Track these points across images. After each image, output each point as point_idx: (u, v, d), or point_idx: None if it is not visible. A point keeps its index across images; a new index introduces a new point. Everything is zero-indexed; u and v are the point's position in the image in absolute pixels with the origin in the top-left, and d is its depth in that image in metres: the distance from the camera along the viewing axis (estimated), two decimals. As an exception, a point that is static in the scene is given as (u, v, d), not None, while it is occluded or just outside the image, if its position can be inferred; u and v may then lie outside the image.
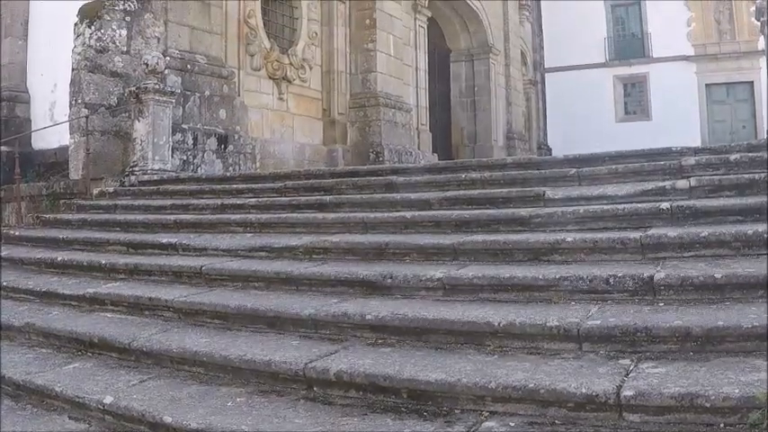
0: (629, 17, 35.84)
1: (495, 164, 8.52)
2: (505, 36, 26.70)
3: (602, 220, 5.81)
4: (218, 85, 13.25)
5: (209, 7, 13.31)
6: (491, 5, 25.48)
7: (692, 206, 5.63)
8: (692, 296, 4.44)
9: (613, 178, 6.89)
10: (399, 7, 18.62)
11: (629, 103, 35.27)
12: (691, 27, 33.69)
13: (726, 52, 32.73)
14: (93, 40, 11.57)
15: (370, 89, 17.29)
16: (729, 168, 6.49)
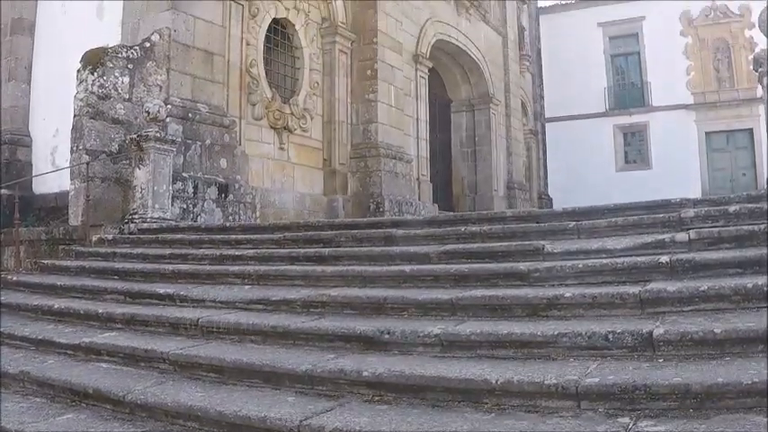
0: (628, 67, 36.22)
1: (495, 217, 8.50)
2: (506, 86, 26.91)
3: (601, 274, 5.78)
4: (219, 134, 13.29)
5: (212, 56, 13.40)
6: (492, 56, 25.73)
7: (692, 259, 5.61)
8: (691, 351, 4.40)
9: (613, 231, 6.87)
10: (400, 58, 18.78)
11: (629, 152, 35.50)
12: (690, 76, 34.05)
13: (725, 100, 33.05)
14: (96, 87, 11.62)
15: (370, 139, 17.36)
16: (729, 220, 6.48)
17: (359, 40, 17.79)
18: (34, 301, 8.33)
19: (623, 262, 5.80)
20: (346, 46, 17.55)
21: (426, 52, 20.85)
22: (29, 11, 15.80)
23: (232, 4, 14.19)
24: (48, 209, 14.06)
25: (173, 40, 12.58)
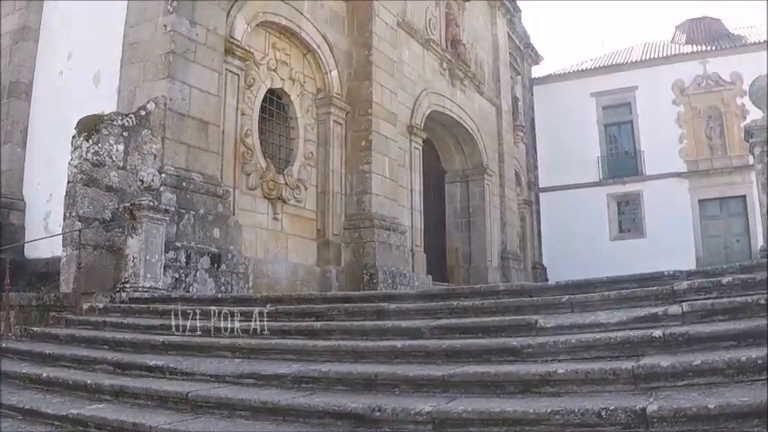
0: (621, 136, 36.55)
1: (488, 291, 8.47)
2: (500, 157, 27.13)
3: (594, 349, 5.73)
4: (212, 204, 13.29)
5: (207, 126, 13.47)
6: (486, 126, 25.97)
7: (685, 333, 5.58)
8: (685, 427, 4.34)
9: (606, 305, 6.84)
10: (395, 129, 18.94)
11: (623, 221, 35.61)
12: (683, 144, 34.38)
13: (718, 168, 33.32)
14: (90, 154, 11.65)
15: (364, 210, 17.39)
16: (722, 291, 6.46)
17: (354, 111, 17.95)
18: (23, 368, 8.22)
19: (616, 336, 5.76)
20: (341, 117, 17.70)
21: (421, 123, 21.03)
22: (26, 74, 15.92)
23: (228, 74, 14.34)
24: (39, 274, 13.97)
25: (168, 108, 12.65)
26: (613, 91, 36.51)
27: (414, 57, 21.39)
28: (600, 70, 37.65)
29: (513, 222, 28.04)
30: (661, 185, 34.10)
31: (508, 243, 26.82)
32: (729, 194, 33.06)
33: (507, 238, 26.78)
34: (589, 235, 34.12)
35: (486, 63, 27.59)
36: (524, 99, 35.31)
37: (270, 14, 15.85)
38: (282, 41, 16.60)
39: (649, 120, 35.13)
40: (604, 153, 36.30)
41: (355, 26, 18.58)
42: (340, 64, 17.97)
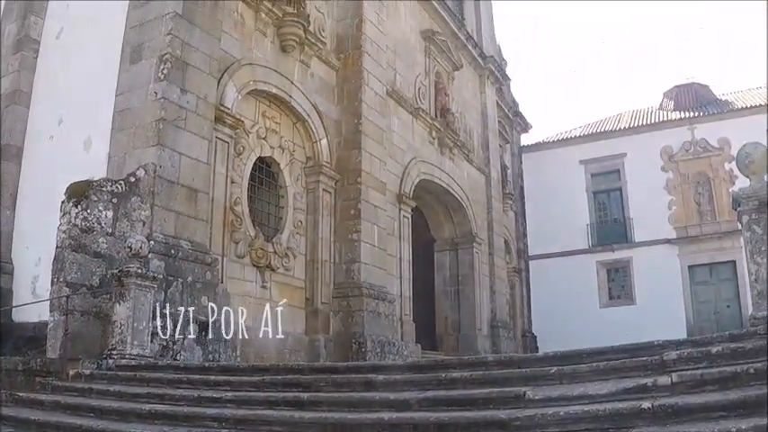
0: (611, 203, 36.79)
1: (477, 362, 8.41)
2: (489, 225, 27.20)
3: (583, 421, 5.67)
4: (201, 272, 13.22)
5: (196, 193, 13.47)
6: (475, 195, 26.09)
7: (674, 404, 5.53)
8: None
9: (595, 376, 6.79)
10: (384, 198, 19.01)
11: (612, 288, 35.65)
12: (672, 210, 34.62)
13: (707, 233, 33.52)
14: (79, 220, 11.61)
15: (353, 279, 17.32)
16: (712, 361, 6.42)
17: (343, 180, 18.02)
18: (6, 435, 8.13)
19: (605, 408, 5.71)
20: (330, 185, 17.77)
21: (410, 192, 21.12)
22: (17, 137, 15.97)
23: (218, 142, 14.40)
24: (27, 338, 13.82)
25: (158, 175, 12.65)
26: (602, 158, 36.85)
27: (403, 126, 21.59)
28: (588, 138, 38.03)
29: (503, 290, 27.99)
30: (650, 252, 34.25)
31: (498, 311, 26.73)
32: (719, 260, 33.18)
33: (497, 307, 26.69)
34: (579, 302, 34.08)
35: (475, 131, 27.84)
36: (513, 167, 35.54)
37: (260, 83, 16.01)
38: (273, 110, 16.75)
39: (638, 186, 35.41)
40: (593, 220, 36.48)
41: (345, 95, 18.77)
42: (330, 133, 18.11)
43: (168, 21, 13.44)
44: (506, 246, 30.30)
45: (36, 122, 15.93)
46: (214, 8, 14.53)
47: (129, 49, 13.80)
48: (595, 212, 36.89)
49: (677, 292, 33.30)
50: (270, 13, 16.48)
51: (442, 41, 24.85)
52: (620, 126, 38.27)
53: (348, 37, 19.29)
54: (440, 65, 24.92)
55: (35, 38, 16.65)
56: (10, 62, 16.48)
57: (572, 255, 35.82)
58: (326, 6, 19.16)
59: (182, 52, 13.43)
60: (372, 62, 19.39)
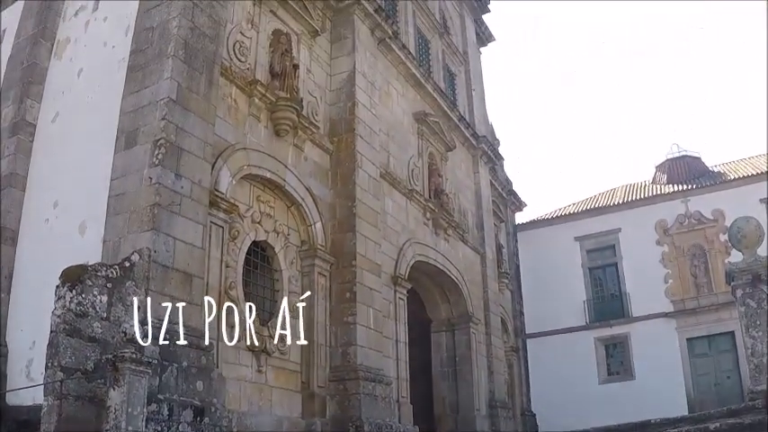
0: (607, 278, 36.97)
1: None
2: (486, 305, 27.14)
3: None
4: (196, 356, 13.12)
5: (191, 278, 13.43)
6: (471, 275, 26.11)
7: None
8: None
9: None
10: (379, 280, 18.97)
11: (611, 363, 35.62)
12: (668, 284, 34.81)
13: (704, 305, 33.67)
14: (74, 304, 11.53)
15: (350, 362, 17.16)
16: (710, 438, 6.39)
17: (338, 263, 17.99)
18: None
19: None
20: (325, 269, 17.75)
21: (405, 274, 21.11)
22: (12, 221, 15.96)
23: (212, 227, 14.42)
24: (20, 422, 13.63)
25: (153, 260, 12.63)
26: (597, 234, 37.11)
27: (397, 207, 21.70)
28: (583, 214, 38.34)
29: (501, 370, 27.73)
30: (648, 326, 34.31)
31: (496, 391, 26.46)
32: (717, 331, 33.29)
33: (495, 387, 26.43)
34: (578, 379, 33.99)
35: (469, 211, 27.99)
36: (508, 245, 35.60)
37: (254, 167, 16.13)
38: (267, 194, 16.84)
39: (634, 261, 35.63)
40: (590, 296, 36.56)
41: (339, 178, 18.89)
42: (324, 216, 18.18)
43: (162, 106, 13.61)
44: (503, 325, 30.16)
45: (32, 206, 15.98)
46: (208, 93, 14.72)
47: (123, 134, 13.94)
48: (592, 288, 36.98)
49: (676, 365, 33.24)
50: (263, 98, 16.71)
51: (434, 123, 25.15)
52: (614, 201, 38.62)
53: (341, 120, 19.52)
54: (433, 146, 25.17)
55: (31, 121, 16.81)
56: (6, 145, 16.62)
57: (569, 332, 35.81)
58: (319, 91, 19.44)
59: (176, 137, 13.56)
60: (365, 145, 19.59)
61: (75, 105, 16.07)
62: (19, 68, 17.51)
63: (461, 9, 32.72)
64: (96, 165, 14.22)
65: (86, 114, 15.54)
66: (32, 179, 16.28)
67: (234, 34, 16.47)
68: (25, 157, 16.47)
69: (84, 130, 15.33)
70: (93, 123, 15.15)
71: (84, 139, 15.17)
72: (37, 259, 15.16)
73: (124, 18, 15.80)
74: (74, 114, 16.03)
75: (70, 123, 16.04)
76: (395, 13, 25.29)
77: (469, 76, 31.40)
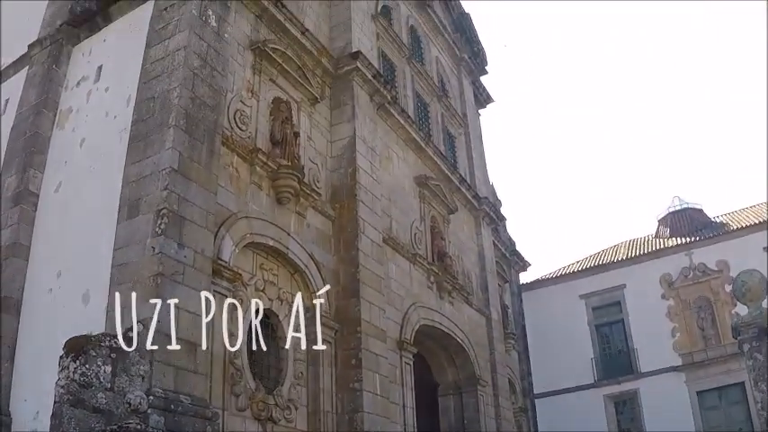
0: (614, 335, 36.85)
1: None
2: (492, 366, 26.93)
3: None
4: (201, 426, 12.93)
5: (196, 347, 13.32)
6: (476, 337, 25.98)
7: None
8: None
9: None
10: (385, 346, 18.82)
11: (621, 420, 35.39)
12: (675, 338, 34.73)
13: (713, 357, 33.49)
14: (78, 375, 11.45)
15: (357, 430, 16.89)
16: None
17: (342, 330, 17.86)
18: None
19: None
20: (330, 335, 17.61)
21: (411, 338, 20.98)
22: (16, 290, 15.88)
23: (216, 296, 14.38)
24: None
25: (156, 330, 12.55)
26: (602, 291, 37.09)
27: (401, 272, 21.66)
28: (587, 272, 38.34)
29: None
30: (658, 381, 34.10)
31: (506, 454, 26.17)
32: (727, 383, 33.07)
33: (505, 449, 26.15)
34: (588, 438, 33.63)
35: (473, 273, 27.92)
36: (514, 306, 35.50)
37: (257, 235, 16.15)
38: (270, 261, 16.83)
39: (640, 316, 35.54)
40: (597, 353, 36.39)
41: (342, 244, 18.88)
42: (328, 282, 18.12)
43: (165, 176, 13.71)
44: (511, 386, 29.90)
45: (35, 275, 15.94)
46: (209, 163, 14.82)
47: (126, 204, 14.01)
48: (599, 345, 36.84)
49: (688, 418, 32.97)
50: (265, 167, 16.82)
51: (435, 186, 25.27)
52: (618, 257, 38.62)
53: (343, 186, 19.60)
54: (435, 209, 25.24)
55: (34, 191, 16.88)
56: (9, 215, 16.65)
57: (578, 390, 35.56)
58: (320, 157, 19.55)
59: (178, 207, 13.62)
60: (367, 210, 19.63)
61: (78, 175, 16.19)
62: (21, 138, 17.68)
63: (459, 72, 33.10)
64: (99, 234, 14.27)
65: (89, 184, 15.67)
66: (36, 249, 16.28)
67: (234, 103, 16.64)
68: (28, 227, 16.50)
69: (87, 199, 15.43)
70: (95, 193, 15.27)
71: (87, 209, 15.25)
72: (40, 329, 15.11)
73: (125, 88, 16.05)
74: (77, 184, 16.13)
75: (73, 193, 16.11)
76: (393, 78, 25.60)
77: (469, 138, 31.61)
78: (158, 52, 15.60)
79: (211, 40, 15.92)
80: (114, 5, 17.97)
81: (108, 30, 18.15)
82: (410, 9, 29.26)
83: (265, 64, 18.07)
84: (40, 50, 19.00)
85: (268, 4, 18.48)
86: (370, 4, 24.77)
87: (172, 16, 15.88)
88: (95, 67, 17.66)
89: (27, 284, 16.04)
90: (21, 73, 19.51)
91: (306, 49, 19.81)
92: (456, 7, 34.14)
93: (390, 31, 26.24)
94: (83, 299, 14.27)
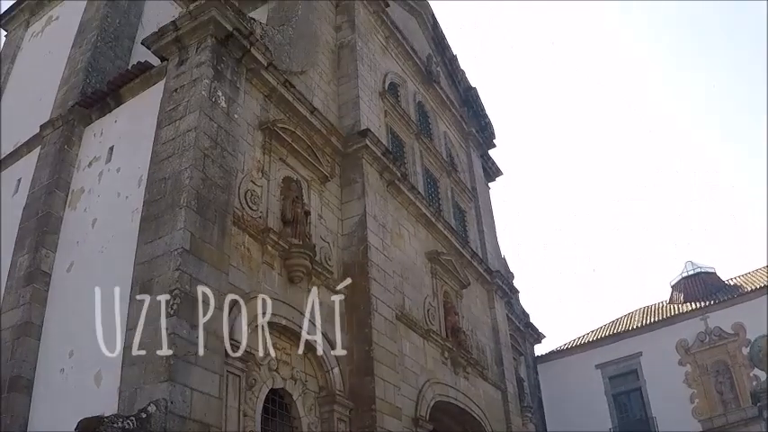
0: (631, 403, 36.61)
1: None
2: (511, 444, 26.51)
3: None
4: None
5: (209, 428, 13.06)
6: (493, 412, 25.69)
7: None
8: None
9: None
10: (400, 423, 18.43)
11: (644, 489, 34.74)
12: (694, 403, 34.36)
13: (733, 421, 33.29)
14: (90, 460, 11.40)
15: None
16: None
17: (357, 408, 17.61)
18: None
19: None
20: (345, 414, 17.38)
21: (426, 415, 20.65)
22: (28, 370, 15.80)
23: (229, 376, 14.27)
24: None
25: (169, 411, 12.38)
26: (618, 360, 36.90)
27: (415, 348, 21.46)
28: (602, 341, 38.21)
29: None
30: (678, 449, 33.57)
31: None
32: (748, 447, 32.45)
33: None
34: None
35: (487, 347, 27.66)
36: (529, 378, 35.15)
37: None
38: (283, 341, 16.70)
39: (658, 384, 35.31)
40: (616, 423, 36.08)
41: (355, 322, 18.73)
42: (341, 360, 17.93)
43: (176, 256, 13.73)
44: (531, 463, 29.47)
45: (47, 355, 15.87)
46: (221, 243, 14.86)
47: (138, 285, 13.99)
48: (617, 415, 36.48)
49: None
50: (276, 246, 16.85)
51: (447, 261, 25.21)
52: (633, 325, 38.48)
53: (354, 264, 19.54)
54: (447, 284, 25.14)
55: (46, 271, 16.97)
56: (21, 294, 16.69)
57: (597, 461, 35.06)
58: (331, 235, 19.58)
59: (190, 287, 13.61)
60: (380, 288, 19.56)
61: (90, 255, 16.27)
62: (34, 218, 17.86)
63: (467, 146, 33.33)
64: (112, 315, 14.24)
65: (101, 264, 15.72)
66: (48, 328, 16.27)
67: (245, 183, 16.75)
68: (40, 306, 16.53)
69: (99, 279, 15.38)
70: (107, 273, 15.27)
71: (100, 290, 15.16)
72: (52, 409, 15.00)
73: (137, 169, 16.23)
74: (89, 264, 16.20)
75: (85, 273, 16.15)
76: (402, 155, 25.76)
77: (479, 212, 31.67)
78: (169, 133, 15.79)
79: (221, 121, 16.12)
80: (125, 87, 18.29)
81: (119, 111, 18.48)
82: (417, 85, 29.59)
83: (275, 144, 18.24)
84: (53, 131, 19.35)
85: (276, 85, 18.75)
86: (377, 82, 25.08)
87: (182, 97, 16.13)
88: (107, 147, 17.92)
89: (39, 364, 15.98)
90: (33, 153, 19.85)
91: (315, 128, 20.01)
92: (462, 81, 34.56)
93: (398, 107, 26.51)
94: (95, 379, 14.16)
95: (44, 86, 21.82)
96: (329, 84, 22.77)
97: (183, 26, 16.77)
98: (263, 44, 18.19)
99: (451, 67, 34.25)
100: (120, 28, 23.04)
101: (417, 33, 31.79)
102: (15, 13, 27.17)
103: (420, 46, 30.95)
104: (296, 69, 20.60)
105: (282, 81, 18.94)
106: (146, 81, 17.94)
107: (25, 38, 26.38)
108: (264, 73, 18.32)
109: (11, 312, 16.63)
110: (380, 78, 25.74)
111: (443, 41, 33.91)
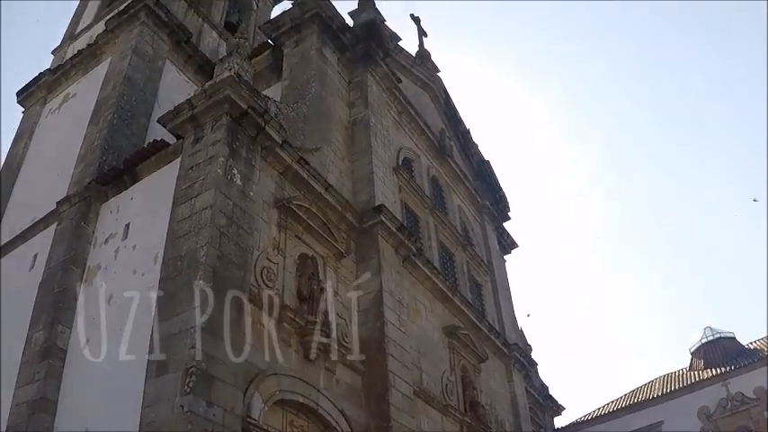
0: None
1: None
2: None
3: None
4: None
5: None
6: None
7: None
8: None
9: None
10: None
11: None
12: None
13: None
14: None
15: None
16: None
17: None
18: None
19: None
20: None
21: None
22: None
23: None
24: None
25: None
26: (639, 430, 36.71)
27: (433, 424, 21.15)
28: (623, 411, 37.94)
29: None
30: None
31: None
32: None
33: None
34: None
35: (506, 421, 27.29)
36: (551, 457, 34.63)
37: (286, 392, 15.90)
38: (300, 419, 16.48)
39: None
40: None
41: (372, 399, 18.48)
42: (360, 439, 17.74)
43: (193, 334, 13.67)
44: None
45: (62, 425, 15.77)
46: (237, 320, 14.78)
47: (154, 362, 13.89)
48: None
49: None
50: (292, 323, 16.77)
51: (464, 335, 25.03)
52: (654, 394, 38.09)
53: (371, 340, 19.35)
54: (465, 359, 24.92)
55: (62, 347, 16.92)
56: (36, 370, 16.64)
57: None
58: (347, 312, 19.44)
59: (207, 365, 13.49)
60: (397, 364, 19.34)
61: (106, 332, 16.21)
62: (50, 294, 17.92)
63: (482, 219, 33.41)
64: (128, 392, 14.08)
65: (117, 341, 15.60)
66: (63, 405, 16.15)
67: (261, 260, 16.73)
68: (56, 383, 16.46)
69: (115, 357, 15.34)
70: (123, 350, 15.21)
71: (115, 366, 15.16)
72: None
73: (153, 246, 16.29)
74: (105, 341, 16.11)
75: (101, 350, 16.05)
76: (417, 230, 25.79)
77: (495, 285, 31.60)
78: (185, 211, 15.89)
79: (237, 199, 16.21)
80: (141, 165, 18.50)
81: (135, 188, 18.67)
82: (430, 160, 29.79)
83: (290, 221, 18.30)
84: (69, 207, 19.56)
85: (291, 162, 18.87)
86: (391, 158, 25.23)
87: (198, 175, 16.26)
88: (123, 224, 18.05)
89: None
90: (50, 229, 20.03)
91: (330, 204, 20.07)
92: (476, 155, 34.83)
93: (412, 182, 26.65)
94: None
95: (61, 163, 22.11)
96: (343, 160, 22.92)
97: (199, 104, 17.01)
98: (278, 122, 18.37)
99: (464, 140, 34.54)
100: (137, 106, 23.43)
101: (430, 108, 32.14)
102: (33, 90, 27.72)
103: (433, 120, 31.26)
104: (310, 146, 20.75)
105: (297, 158, 19.07)
106: (162, 159, 18.15)
107: (42, 114, 26.87)
108: (279, 150, 18.48)
109: (26, 387, 16.58)
110: (394, 153, 25.93)
111: (456, 115, 34.26)
